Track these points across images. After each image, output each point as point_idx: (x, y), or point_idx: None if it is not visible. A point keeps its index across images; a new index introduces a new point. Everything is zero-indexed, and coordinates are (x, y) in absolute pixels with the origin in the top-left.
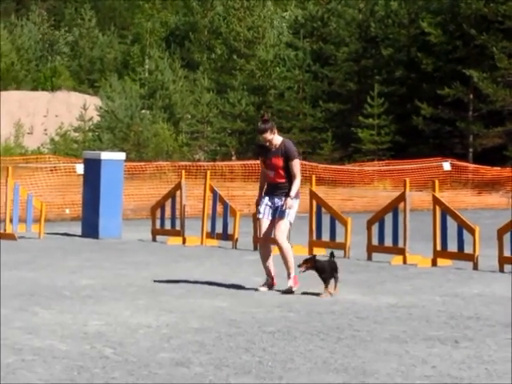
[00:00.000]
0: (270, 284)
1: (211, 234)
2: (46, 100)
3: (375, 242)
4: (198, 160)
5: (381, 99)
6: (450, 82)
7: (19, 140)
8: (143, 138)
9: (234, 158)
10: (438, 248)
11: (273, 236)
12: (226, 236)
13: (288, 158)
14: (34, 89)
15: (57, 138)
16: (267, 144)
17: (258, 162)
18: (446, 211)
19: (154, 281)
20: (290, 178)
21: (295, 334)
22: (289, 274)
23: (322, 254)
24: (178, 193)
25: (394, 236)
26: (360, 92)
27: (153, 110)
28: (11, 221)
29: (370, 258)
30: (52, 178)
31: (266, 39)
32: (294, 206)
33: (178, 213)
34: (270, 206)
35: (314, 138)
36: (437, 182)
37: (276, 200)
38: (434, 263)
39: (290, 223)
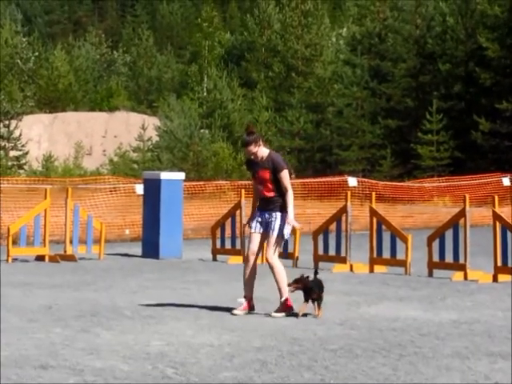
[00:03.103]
0: (248, 306)
1: None
2: (103, 120)
3: (436, 258)
4: None
5: (439, 115)
6: (508, 96)
7: (78, 161)
8: (202, 157)
9: (293, 176)
10: (499, 263)
11: (266, 256)
12: (286, 254)
13: (275, 170)
14: (92, 109)
15: (116, 159)
16: (252, 157)
17: (318, 180)
18: (507, 227)
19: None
20: (281, 191)
21: (357, 351)
22: (281, 297)
23: (382, 271)
24: (238, 212)
25: (455, 252)
26: (418, 108)
27: (212, 129)
28: (71, 242)
29: (430, 274)
30: (112, 199)
31: (323, 56)
32: (288, 220)
33: (238, 232)
34: (261, 222)
35: (373, 155)
36: (496, 198)
37: (267, 215)
38: (494, 279)
39: (283, 237)
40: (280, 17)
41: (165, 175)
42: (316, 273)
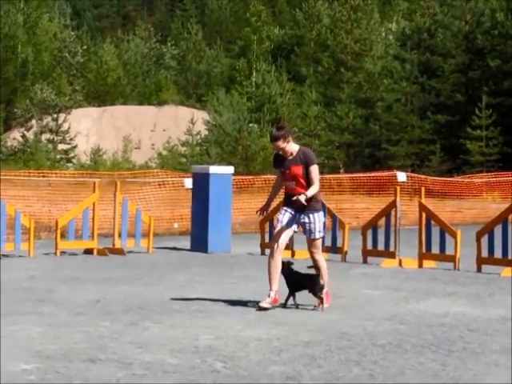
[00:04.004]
0: (273, 300)
1: None
2: (152, 114)
3: (485, 253)
4: None
5: (488, 110)
6: None
7: (127, 155)
8: (251, 151)
9: (342, 170)
10: None
11: (313, 254)
12: (334, 249)
13: (307, 164)
14: (141, 103)
15: (164, 153)
16: (281, 152)
17: (367, 174)
18: None
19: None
20: (309, 185)
21: (406, 346)
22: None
23: (431, 266)
24: None
25: (504, 248)
26: (467, 103)
27: (260, 123)
28: (120, 235)
29: (479, 269)
30: (160, 193)
31: (373, 51)
32: (320, 218)
33: None
34: (293, 219)
35: (422, 150)
36: None
37: (302, 216)
38: None
39: (322, 237)
40: (329, 11)
41: (213, 169)
42: (309, 267)
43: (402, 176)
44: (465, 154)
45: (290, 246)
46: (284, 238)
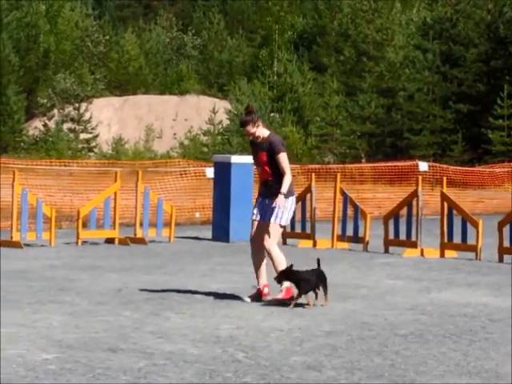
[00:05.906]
0: (257, 294)
1: (342, 237)
2: (174, 104)
3: (506, 243)
4: (328, 163)
5: (510, 100)
6: None
7: (149, 144)
8: None
9: (363, 160)
10: None
11: (262, 240)
12: (356, 239)
13: (273, 152)
14: (162, 93)
15: (186, 142)
16: (251, 138)
17: (389, 164)
18: None
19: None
20: (279, 175)
21: (428, 336)
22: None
23: (453, 256)
24: (308, 196)
25: None
26: (489, 93)
27: (282, 112)
28: (141, 225)
29: (501, 259)
30: (182, 182)
31: (394, 41)
32: (286, 205)
33: (308, 216)
34: (261, 208)
35: (443, 140)
36: None
37: (266, 201)
38: None
39: (282, 226)
40: (350, 1)
41: (235, 159)
42: (318, 263)
43: (423, 166)
44: (486, 144)
45: (312, 236)
46: (255, 231)
